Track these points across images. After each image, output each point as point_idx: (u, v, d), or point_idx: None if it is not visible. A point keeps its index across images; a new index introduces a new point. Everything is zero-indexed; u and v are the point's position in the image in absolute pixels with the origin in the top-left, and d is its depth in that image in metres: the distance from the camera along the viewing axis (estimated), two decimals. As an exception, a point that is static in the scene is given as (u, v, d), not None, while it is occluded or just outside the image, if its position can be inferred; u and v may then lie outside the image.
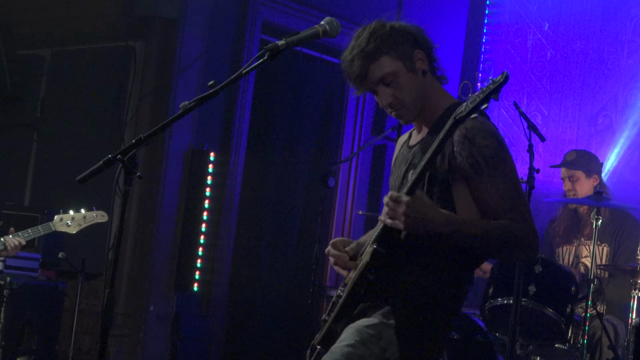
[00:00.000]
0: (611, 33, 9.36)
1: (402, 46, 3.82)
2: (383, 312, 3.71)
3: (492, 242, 3.60)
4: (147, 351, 7.96)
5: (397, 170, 3.97)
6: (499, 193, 3.62)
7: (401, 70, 3.81)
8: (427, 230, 3.54)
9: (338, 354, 3.63)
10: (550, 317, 6.67)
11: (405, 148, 3.99)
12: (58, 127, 8.74)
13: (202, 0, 8.20)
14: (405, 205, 3.48)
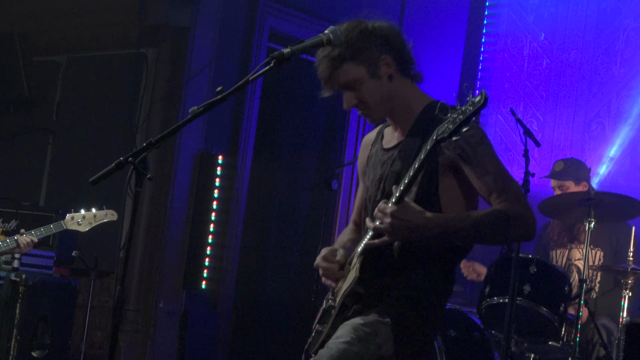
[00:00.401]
0: (604, 43, 9.36)
1: (367, 51, 3.79)
2: (378, 311, 3.72)
3: (483, 230, 3.61)
4: (157, 346, 7.96)
5: (372, 172, 3.95)
6: (489, 176, 3.64)
7: (364, 76, 3.79)
8: (418, 236, 3.57)
9: (334, 350, 3.63)
10: (544, 316, 6.66)
11: (379, 149, 3.97)
12: (73, 131, 8.75)
13: (211, 10, 8.21)
14: (391, 217, 3.51)
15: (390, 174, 3.78)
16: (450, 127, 3.35)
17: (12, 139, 9.11)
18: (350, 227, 4.30)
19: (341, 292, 3.79)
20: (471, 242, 3.77)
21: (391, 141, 3.93)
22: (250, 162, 8.52)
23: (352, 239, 4.16)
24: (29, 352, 7.08)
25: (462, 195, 3.75)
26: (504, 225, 3.61)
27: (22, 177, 8.93)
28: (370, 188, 3.93)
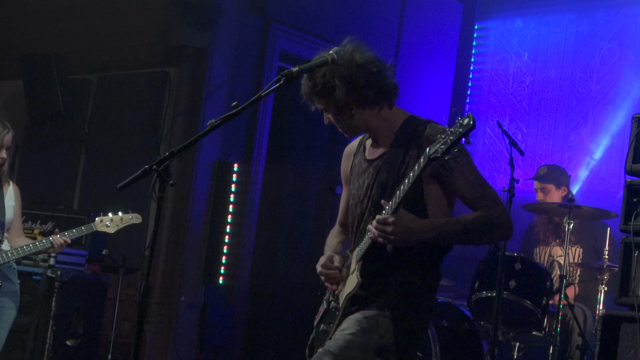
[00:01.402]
0: (582, 62, 9.36)
1: (335, 92, 3.78)
2: (378, 305, 3.75)
3: (471, 232, 3.69)
4: (179, 336, 7.95)
5: (357, 180, 3.97)
6: (470, 184, 3.72)
7: (329, 108, 3.85)
8: (415, 239, 3.64)
9: (341, 341, 3.65)
10: (528, 308, 6.65)
11: (362, 160, 3.98)
12: (103, 142, 8.75)
13: (228, 33, 8.21)
14: (392, 225, 3.57)
15: (377, 183, 3.82)
16: (442, 147, 3.40)
17: (49, 149, 9.12)
18: (336, 229, 4.33)
19: (343, 295, 3.82)
20: (459, 243, 3.82)
21: (374, 153, 3.94)
22: (263, 169, 8.52)
23: (341, 241, 4.20)
24: (64, 341, 7.08)
25: (444, 199, 3.80)
26: (488, 229, 3.71)
27: (57, 183, 8.93)
28: (356, 196, 3.96)
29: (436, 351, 6.67)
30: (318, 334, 3.99)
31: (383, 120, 3.88)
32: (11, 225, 5.97)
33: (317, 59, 3.73)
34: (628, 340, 4.84)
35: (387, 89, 3.85)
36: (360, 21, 8.79)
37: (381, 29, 9.26)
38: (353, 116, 3.83)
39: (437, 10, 9.95)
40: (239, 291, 8.41)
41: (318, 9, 8.61)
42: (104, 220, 6.08)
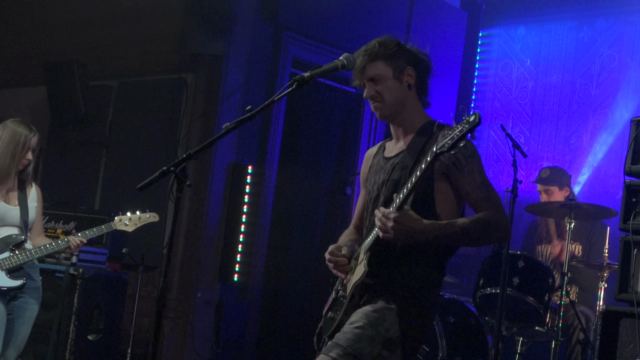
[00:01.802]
0: (582, 68, 9.34)
1: (397, 59, 3.91)
2: (385, 299, 3.77)
3: (470, 234, 3.71)
4: (195, 331, 7.95)
5: (374, 177, 4.02)
6: (476, 184, 3.76)
7: (389, 75, 3.91)
8: (414, 239, 3.66)
9: (350, 334, 3.67)
10: (531, 304, 6.63)
11: (381, 158, 4.04)
12: (123, 145, 8.76)
13: (242, 40, 8.21)
14: (394, 221, 3.58)
15: (390, 181, 3.86)
16: (448, 142, 3.42)
17: (71, 152, 9.13)
18: (350, 230, 4.36)
19: (351, 284, 3.84)
20: (459, 245, 3.86)
21: (392, 151, 4.00)
22: (276, 171, 8.52)
23: (352, 240, 4.24)
24: (86, 336, 7.09)
25: (453, 197, 3.83)
26: (486, 231, 3.74)
27: (79, 184, 8.95)
28: (372, 192, 4.00)
29: (443, 345, 6.66)
30: (325, 321, 4.03)
31: (413, 111, 3.97)
32: (33, 225, 5.98)
33: (329, 65, 3.78)
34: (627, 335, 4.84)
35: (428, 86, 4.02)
36: (369, 29, 8.78)
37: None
38: (410, 88, 3.93)
39: (442, 19, 9.94)
40: (253, 288, 8.41)
41: (329, 18, 8.61)
42: (122, 220, 6.09)
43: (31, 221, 5.93)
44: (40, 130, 6.05)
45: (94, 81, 8.87)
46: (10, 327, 5.79)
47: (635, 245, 4.97)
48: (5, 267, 5.69)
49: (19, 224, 5.82)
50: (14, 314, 5.81)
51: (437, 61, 10.13)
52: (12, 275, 5.72)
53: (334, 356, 3.60)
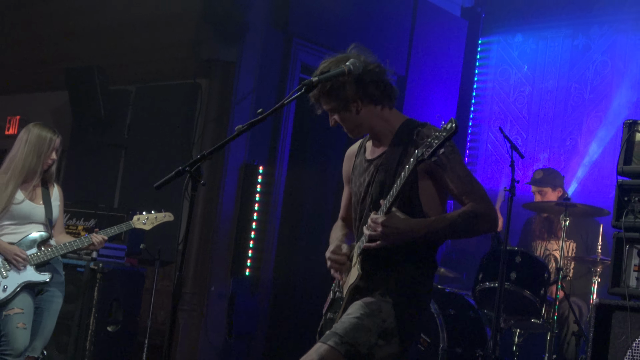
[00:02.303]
0: (577, 73, 9.33)
1: (342, 93, 3.82)
2: (380, 292, 3.75)
3: (458, 227, 3.69)
4: (209, 323, 7.96)
5: (359, 179, 3.98)
6: (460, 179, 3.72)
7: (337, 108, 3.86)
8: (404, 239, 3.65)
9: (347, 324, 3.67)
10: (527, 298, 6.63)
11: (363, 160, 4.01)
12: (140, 146, 8.77)
13: (254, 47, 8.21)
14: (382, 226, 3.58)
15: (375, 182, 3.83)
16: (428, 150, 3.42)
17: (92, 153, 9.15)
18: (339, 223, 4.34)
19: (347, 286, 3.84)
20: (449, 239, 3.87)
21: (374, 153, 3.96)
22: (286, 171, 8.52)
23: (345, 234, 4.22)
24: (105, 327, 7.10)
25: (437, 194, 3.80)
26: (474, 223, 3.71)
27: (99, 184, 8.96)
28: (357, 193, 3.97)
29: (444, 336, 6.65)
30: (326, 322, 4.02)
31: (384, 121, 3.89)
32: (55, 223, 6.01)
33: (335, 71, 3.76)
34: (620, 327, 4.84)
35: (389, 90, 3.88)
36: (375, 37, 8.78)
37: (394, 44, 9.26)
38: (359, 112, 3.84)
39: (444, 27, 9.93)
40: (264, 282, 8.42)
41: (336, 26, 8.61)
42: (140, 219, 6.12)
43: (55, 219, 5.95)
44: (62, 132, 6.07)
45: (114, 86, 8.88)
46: (38, 319, 5.81)
47: (627, 242, 4.97)
48: (33, 262, 5.72)
49: (43, 221, 5.85)
50: (41, 306, 5.83)
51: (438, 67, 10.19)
52: (40, 270, 5.75)
53: (332, 344, 3.59)
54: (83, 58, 9.26)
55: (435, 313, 6.72)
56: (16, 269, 5.66)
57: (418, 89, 9.53)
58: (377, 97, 3.84)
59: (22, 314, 5.62)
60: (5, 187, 5.70)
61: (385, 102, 3.88)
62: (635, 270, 4.93)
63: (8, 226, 5.76)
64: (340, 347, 3.58)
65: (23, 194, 5.77)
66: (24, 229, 5.79)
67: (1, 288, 5.61)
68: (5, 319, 5.60)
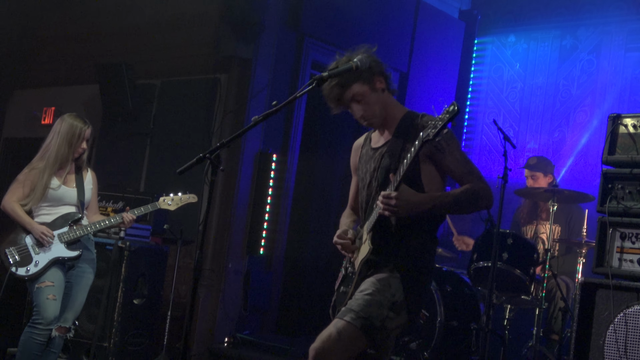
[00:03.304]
0: (565, 71, 9.29)
1: (365, 74, 3.83)
2: (389, 268, 3.79)
3: (461, 202, 3.73)
4: (226, 297, 7.96)
5: (365, 166, 4.02)
6: (458, 161, 3.78)
7: (367, 91, 3.86)
8: (414, 211, 3.67)
9: (360, 300, 3.70)
10: (518, 276, 6.62)
11: (369, 149, 4.04)
12: (164, 136, 8.76)
13: (269, 45, 8.19)
14: (395, 199, 3.59)
15: (381, 168, 3.86)
16: (433, 131, 3.43)
17: (120, 141, 9.14)
18: (348, 211, 4.36)
19: (358, 261, 3.84)
20: (451, 213, 3.90)
21: (378, 142, 4.00)
22: (297, 159, 8.50)
23: (353, 220, 4.24)
24: (132, 300, 7.11)
25: (438, 176, 3.84)
26: (474, 199, 3.75)
27: (127, 170, 8.96)
28: (365, 178, 4.00)
29: (441, 311, 6.64)
30: (339, 295, 4.02)
31: (392, 107, 3.94)
32: (89, 205, 6.03)
33: (344, 66, 3.77)
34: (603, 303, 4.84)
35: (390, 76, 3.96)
36: (379, 36, 8.75)
37: (397, 43, 9.23)
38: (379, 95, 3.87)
39: (442, 28, 9.90)
40: (277, 260, 8.42)
41: (344, 26, 8.59)
42: (166, 200, 6.12)
43: (87, 201, 5.97)
44: (92, 122, 6.07)
45: (140, 80, 8.87)
46: (69, 293, 5.83)
47: (610, 226, 4.96)
48: (64, 239, 5.74)
49: (76, 203, 5.88)
50: (72, 281, 5.85)
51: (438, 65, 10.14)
52: (70, 247, 5.77)
53: (348, 320, 3.62)
54: (113, 54, 9.25)
55: (433, 289, 6.72)
56: (48, 245, 5.68)
57: (419, 84, 9.51)
58: (388, 77, 3.92)
59: (52, 287, 5.65)
60: (42, 176, 5.74)
61: (392, 90, 3.95)
62: (618, 251, 4.93)
63: (44, 207, 5.80)
64: (356, 321, 3.61)
65: (58, 180, 5.82)
66: (58, 210, 5.82)
67: (33, 263, 5.65)
68: (37, 291, 5.63)
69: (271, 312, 8.50)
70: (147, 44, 9.13)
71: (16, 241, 5.71)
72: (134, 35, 9.29)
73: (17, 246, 5.69)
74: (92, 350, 6.90)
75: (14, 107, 10.87)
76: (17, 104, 10.84)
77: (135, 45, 9.22)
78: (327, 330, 3.63)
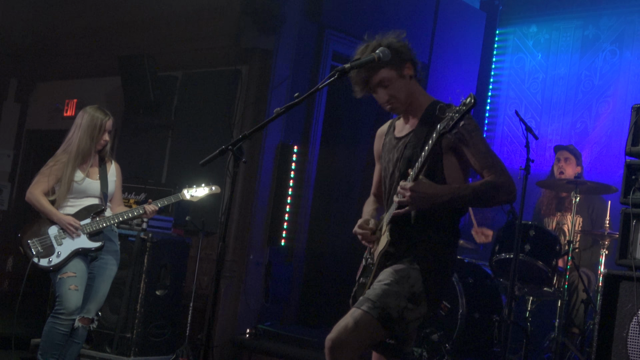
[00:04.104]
0: (587, 61, 9.23)
1: (394, 59, 3.81)
2: (409, 260, 3.76)
3: (481, 195, 3.66)
4: (248, 288, 7.98)
5: (388, 155, 3.99)
6: (481, 154, 3.70)
7: (394, 76, 3.83)
8: (431, 203, 3.62)
9: (379, 290, 3.68)
10: (540, 268, 6.58)
11: (392, 138, 4.01)
12: (186, 127, 8.78)
13: (289, 37, 8.18)
14: (410, 191, 3.57)
15: (404, 158, 3.83)
16: (450, 123, 3.41)
17: (142, 133, 9.17)
18: (371, 199, 4.35)
19: (377, 253, 3.83)
20: (471, 206, 3.86)
21: (402, 131, 3.97)
22: (318, 150, 8.49)
23: (375, 208, 4.23)
24: (154, 291, 7.14)
25: (460, 168, 3.79)
26: (494, 192, 3.67)
27: (149, 161, 8.99)
28: (387, 168, 3.98)
29: (463, 303, 6.63)
30: (358, 287, 4.02)
31: (418, 95, 3.92)
32: (113, 196, 6.05)
33: (366, 58, 3.76)
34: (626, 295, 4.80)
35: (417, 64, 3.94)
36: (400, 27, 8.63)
37: (418, 33, 9.20)
38: (407, 81, 3.85)
39: (464, 19, 9.85)
40: (298, 251, 8.42)
41: (364, 17, 8.57)
42: (189, 191, 6.13)
43: (110, 193, 6.00)
44: (115, 115, 6.09)
45: (162, 72, 8.89)
46: (92, 284, 5.86)
47: (634, 217, 4.93)
48: (86, 231, 5.76)
49: (99, 195, 5.90)
50: (95, 272, 5.88)
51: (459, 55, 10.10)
52: (93, 238, 5.80)
53: (365, 309, 3.61)
54: (134, 47, 9.27)
55: (455, 281, 6.70)
56: (70, 237, 5.71)
57: (440, 75, 9.48)
58: (416, 64, 3.91)
59: (74, 277, 5.68)
60: (65, 170, 5.77)
61: (421, 79, 3.95)
62: (641, 243, 4.89)
63: (68, 200, 5.84)
64: (372, 311, 3.59)
65: (81, 172, 5.84)
66: (81, 202, 5.85)
67: (55, 254, 5.68)
68: (59, 282, 5.67)
69: (292, 303, 8.51)
70: (169, 36, 9.15)
71: (39, 232, 5.74)
72: (155, 27, 9.31)
73: (40, 237, 5.72)
74: (115, 341, 6.94)
75: (37, 99, 10.95)
76: (39, 97, 10.91)
77: (157, 37, 9.25)
78: (344, 320, 3.63)
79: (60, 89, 10.51)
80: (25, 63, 10.92)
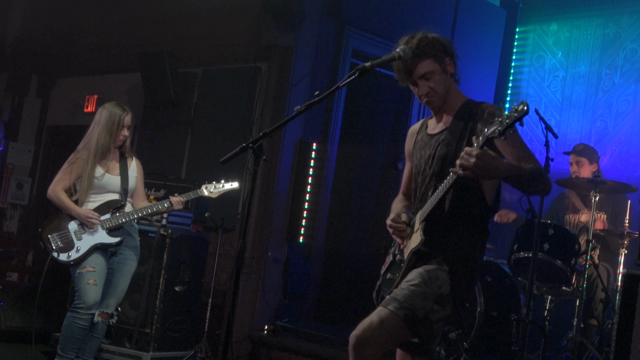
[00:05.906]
0: (607, 59, 9.18)
1: (440, 53, 3.86)
2: (437, 260, 3.75)
3: (532, 177, 3.62)
4: (266, 285, 7.99)
5: (420, 152, 3.98)
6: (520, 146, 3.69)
7: (438, 70, 3.86)
8: (491, 175, 3.57)
9: (406, 290, 3.68)
10: (559, 267, 6.56)
11: (425, 135, 4.01)
12: (205, 124, 8.80)
13: (309, 34, 8.18)
14: (476, 157, 3.44)
15: (438, 156, 3.82)
16: (500, 129, 3.36)
17: (162, 130, 9.21)
18: (400, 197, 4.31)
19: (408, 249, 3.82)
20: (519, 187, 3.75)
21: (435, 129, 3.96)
22: (337, 148, 8.50)
23: (404, 206, 4.20)
24: (173, 287, 7.16)
25: None
26: (541, 179, 3.65)
27: (168, 158, 9.02)
28: (418, 165, 3.95)
29: (481, 301, 6.62)
30: (384, 281, 4.00)
31: (454, 93, 3.93)
32: (134, 192, 6.08)
33: (387, 56, 3.76)
34: (646, 295, 4.76)
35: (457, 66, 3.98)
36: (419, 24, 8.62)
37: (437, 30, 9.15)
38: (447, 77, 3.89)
39: (484, 16, 9.83)
40: (316, 248, 8.43)
41: (384, 14, 8.57)
42: (208, 187, 6.16)
43: (131, 188, 6.02)
44: (135, 111, 6.13)
45: (182, 69, 8.92)
46: (111, 279, 5.90)
47: (654, 217, 4.89)
48: (106, 226, 5.80)
49: (119, 190, 5.94)
50: (115, 267, 5.91)
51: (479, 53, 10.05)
52: (112, 233, 5.83)
53: (392, 309, 3.61)
54: (155, 43, 9.31)
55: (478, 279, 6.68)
56: (90, 232, 5.75)
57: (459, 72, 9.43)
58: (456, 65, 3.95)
59: (93, 272, 5.72)
60: (86, 166, 5.82)
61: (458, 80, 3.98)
62: (661, 243, 4.85)
63: (89, 195, 5.86)
64: (399, 311, 3.60)
65: (102, 168, 5.88)
66: (101, 198, 5.89)
67: (75, 249, 5.73)
68: (79, 276, 5.71)
69: (310, 300, 8.52)
70: (189, 32, 9.17)
71: (59, 227, 5.79)
72: (176, 24, 9.34)
73: (60, 232, 5.77)
74: (134, 336, 6.97)
75: (57, 95, 11.01)
76: (60, 93, 10.98)
77: (178, 34, 9.28)
78: (370, 318, 3.63)
79: (81, 85, 10.56)
80: (46, 59, 10.99)
